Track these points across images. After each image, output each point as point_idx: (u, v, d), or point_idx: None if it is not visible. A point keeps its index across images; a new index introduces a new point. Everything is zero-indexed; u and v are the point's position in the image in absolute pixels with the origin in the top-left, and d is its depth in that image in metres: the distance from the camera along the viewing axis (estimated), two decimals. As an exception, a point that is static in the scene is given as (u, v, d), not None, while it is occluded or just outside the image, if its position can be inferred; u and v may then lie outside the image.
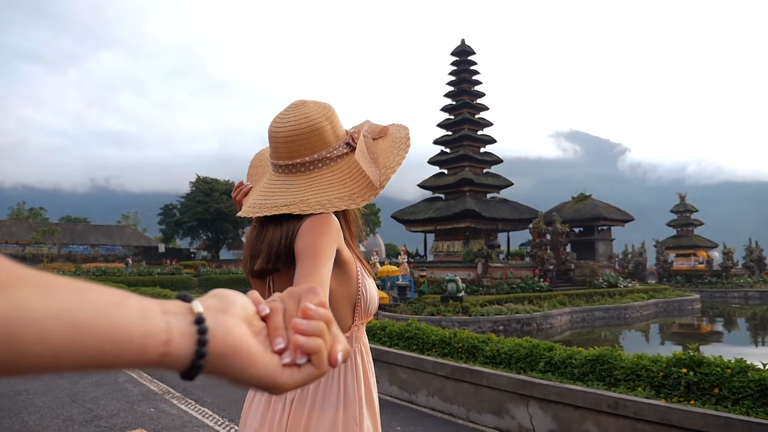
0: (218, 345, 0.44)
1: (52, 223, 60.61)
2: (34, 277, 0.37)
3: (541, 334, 17.80)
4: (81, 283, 0.40)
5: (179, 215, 57.71)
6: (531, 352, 4.74)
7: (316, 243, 1.07)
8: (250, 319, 0.47)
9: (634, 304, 22.88)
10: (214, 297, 0.48)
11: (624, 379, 4.02)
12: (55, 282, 0.38)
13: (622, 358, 4.17)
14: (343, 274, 1.22)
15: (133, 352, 0.40)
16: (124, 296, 0.41)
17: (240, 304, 0.48)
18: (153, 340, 0.41)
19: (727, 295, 32.18)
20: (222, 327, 0.44)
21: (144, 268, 42.46)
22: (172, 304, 0.44)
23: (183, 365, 0.43)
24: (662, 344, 17.45)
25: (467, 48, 30.59)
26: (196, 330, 0.43)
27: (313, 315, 0.48)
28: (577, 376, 4.27)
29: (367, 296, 1.29)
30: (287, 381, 0.47)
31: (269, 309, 0.49)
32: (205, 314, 0.44)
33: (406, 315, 17.83)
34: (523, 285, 22.20)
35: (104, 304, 0.39)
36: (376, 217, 61.28)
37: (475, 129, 29.95)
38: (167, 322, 0.42)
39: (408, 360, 5.53)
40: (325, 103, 1.29)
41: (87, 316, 0.38)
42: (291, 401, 1.19)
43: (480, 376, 4.72)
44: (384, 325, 6.48)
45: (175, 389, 5.91)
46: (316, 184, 1.21)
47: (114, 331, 0.39)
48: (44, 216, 74.20)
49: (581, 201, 32.37)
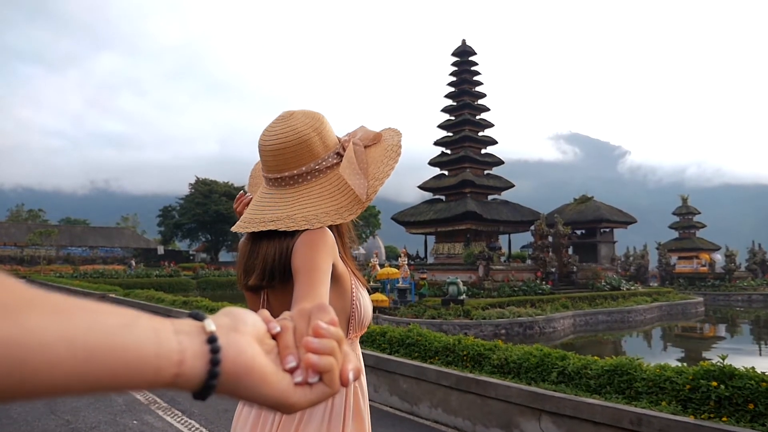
0: (231, 364, 0.43)
1: (50, 225, 60.33)
2: (45, 299, 0.37)
3: (544, 338, 17.48)
4: (92, 304, 0.40)
5: (178, 217, 57.47)
6: (542, 361, 4.40)
7: (313, 260, 1.08)
8: (262, 338, 0.47)
9: (638, 307, 22.56)
10: (225, 315, 0.47)
11: (646, 392, 3.68)
12: (66, 304, 0.38)
13: (642, 369, 3.83)
14: (338, 287, 1.22)
15: (146, 374, 0.39)
16: (136, 316, 0.41)
17: (251, 322, 0.47)
18: (166, 361, 0.40)
19: (731, 298, 31.86)
20: (235, 346, 0.44)
21: (142, 270, 42.19)
22: (184, 323, 0.44)
23: (196, 385, 0.42)
24: (666, 350, 17.11)
25: (468, 48, 30.32)
26: (209, 349, 0.43)
27: (325, 333, 0.48)
28: (594, 388, 3.94)
29: (362, 309, 1.28)
30: (299, 400, 0.46)
31: (280, 327, 0.49)
32: (217, 333, 0.44)
33: (406, 318, 17.49)
34: (525, 288, 21.88)
35: (116, 325, 0.39)
36: (375, 219, 61.00)
37: (476, 130, 29.65)
38: (179, 342, 0.42)
39: (409, 369, 5.19)
40: (314, 113, 1.27)
41: (99, 339, 0.37)
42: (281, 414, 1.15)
43: (487, 386, 4.38)
44: (384, 331, 6.14)
45: (162, 399, 5.57)
46: (304, 197, 1.20)
47: (127, 353, 0.38)
48: (43, 218, 74.00)
49: (583, 203, 32.02)
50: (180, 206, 58.10)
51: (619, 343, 18.11)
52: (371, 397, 5.37)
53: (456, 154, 29.10)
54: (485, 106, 30.27)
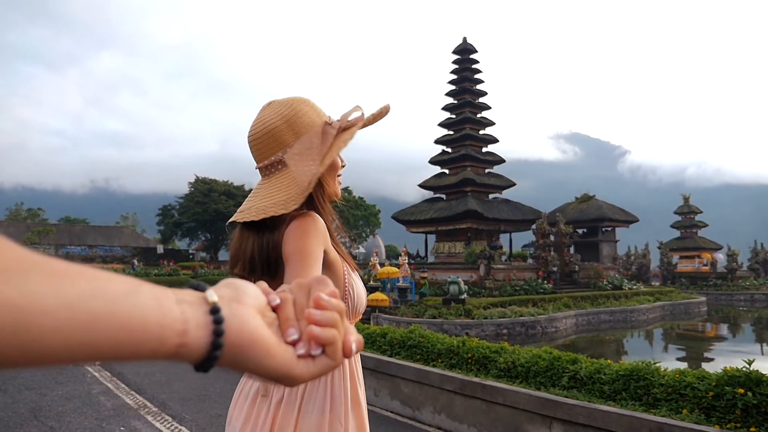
0: (235, 336, 0.42)
1: (49, 224, 60.12)
2: (46, 263, 0.36)
3: (546, 338, 17.24)
4: (95, 271, 0.39)
5: (178, 216, 57.19)
6: (552, 365, 4.16)
7: (304, 246, 1.07)
8: (263, 310, 0.46)
9: (640, 306, 22.32)
10: (226, 287, 0.46)
11: (665, 399, 3.44)
12: (68, 269, 0.37)
13: (660, 374, 3.59)
14: (330, 274, 1.20)
15: (149, 343, 0.38)
16: (138, 284, 0.40)
17: (253, 294, 0.47)
18: (169, 331, 0.39)
19: (733, 298, 31.62)
20: (238, 317, 0.43)
21: (141, 269, 41.93)
22: (186, 293, 0.43)
23: (198, 357, 0.41)
24: (673, 351, 16.87)
25: (469, 46, 30.06)
26: (212, 320, 0.42)
27: (327, 305, 0.47)
28: (608, 394, 3.69)
29: (355, 295, 1.26)
30: (303, 373, 0.46)
31: (279, 299, 0.48)
32: (219, 304, 0.43)
33: (406, 318, 17.26)
34: (527, 287, 21.64)
35: (119, 292, 0.38)
36: (376, 218, 60.67)
37: (477, 128, 29.40)
38: (183, 311, 0.41)
39: (411, 372, 4.95)
40: (291, 100, 1.23)
41: (102, 306, 0.36)
42: (278, 402, 1.16)
43: (494, 392, 4.14)
44: (384, 332, 5.90)
45: (152, 403, 5.33)
46: (272, 187, 1.19)
47: (130, 320, 0.37)
48: (43, 217, 73.68)
49: (585, 201, 31.77)
50: (180, 205, 57.83)
51: (623, 343, 17.89)
52: (371, 402, 5.13)
53: (457, 152, 28.85)
54: (486, 104, 30.02)
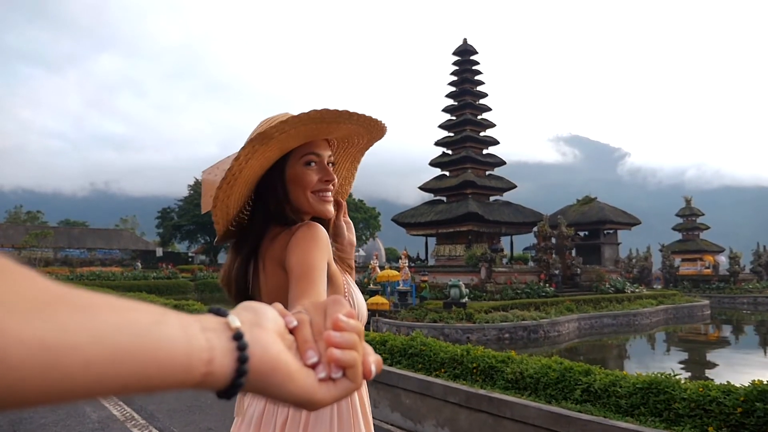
0: (258, 362, 0.42)
1: (47, 226, 59.85)
2: (71, 296, 0.35)
3: (549, 342, 16.99)
4: (121, 301, 0.38)
5: (177, 219, 56.99)
6: (563, 376, 3.90)
7: (309, 258, 1.05)
8: (282, 333, 0.46)
9: (644, 310, 22.07)
10: (246, 310, 0.46)
11: (688, 415, 3.18)
12: (93, 301, 0.36)
13: (682, 387, 3.33)
14: (331, 285, 1.19)
15: (177, 374, 0.38)
16: (164, 313, 0.40)
17: (272, 318, 0.46)
18: (196, 360, 0.39)
19: (736, 301, 31.37)
20: (260, 343, 0.43)
21: (139, 272, 41.66)
22: (209, 320, 0.42)
23: (223, 384, 0.41)
24: (675, 354, 16.60)
25: (469, 47, 29.84)
26: (236, 346, 0.41)
27: (346, 327, 0.46)
28: (625, 409, 3.44)
29: (356, 306, 1.26)
30: (324, 396, 0.45)
31: (297, 321, 0.47)
32: (242, 329, 0.42)
33: (407, 322, 17.00)
34: (528, 290, 21.37)
35: (146, 324, 0.37)
36: (375, 220, 60.45)
37: (477, 130, 29.16)
38: (208, 339, 0.40)
39: (413, 383, 4.69)
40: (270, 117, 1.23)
41: (131, 339, 0.36)
42: (283, 423, 1.13)
43: (501, 405, 3.88)
44: (384, 339, 5.64)
45: (140, 414, 5.07)
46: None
47: (158, 352, 0.37)
48: (42, 219, 73.42)
49: (586, 204, 31.52)
50: (179, 208, 57.67)
51: (628, 348, 17.63)
52: (370, 413, 4.87)
53: (457, 154, 28.60)
54: (487, 106, 29.78)
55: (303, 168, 1.20)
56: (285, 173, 1.20)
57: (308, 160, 1.20)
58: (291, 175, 1.20)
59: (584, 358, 15.36)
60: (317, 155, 1.21)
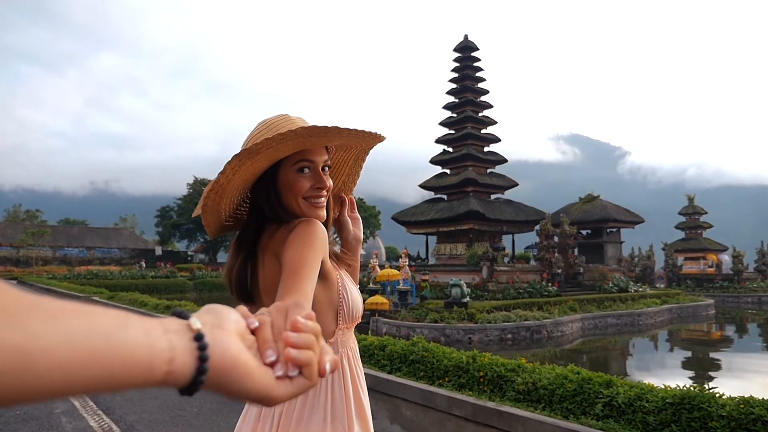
0: (218, 361, 0.45)
1: (45, 225, 59.49)
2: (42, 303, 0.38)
3: (552, 343, 16.61)
4: (87, 307, 0.42)
5: (176, 217, 56.62)
6: (581, 388, 3.52)
7: (302, 255, 1.06)
8: (243, 334, 0.49)
9: (648, 310, 21.69)
10: (208, 313, 0.49)
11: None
12: (63, 308, 0.39)
13: (719, 403, 2.95)
14: (325, 282, 1.21)
15: (140, 373, 0.41)
16: (127, 317, 0.43)
17: (234, 319, 0.49)
18: (158, 360, 0.42)
19: (740, 300, 31.02)
20: (220, 343, 0.46)
21: (137, 271, 41.29)
22: (172, 322, 0.46)
23: (185, 382, 0.44)
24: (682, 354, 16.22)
25: (470, 44, 29.45)
26: (197, 347, 0.45)
27: (303, 328, 0.50)
28: (654, 426, 3.05)
29: (350, 301, 1.27)
30: (281, 393, 0.49)
31: (258, 322, 0.51)
32: (203, 330, 0.46)
33: (407, 322, 16.63)
34: (531, 290, 20.98)
35: (112, 327, 0.41)
36: (375, 219, 60.05)
37: (478, 127, 28.77)
38: (169, 340, 0.44)
39: (414, 393, 4.30)
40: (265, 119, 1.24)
41: (98, 342, 0.39)
42: (279, 415, 1.17)
43: (512, 420, 3.50)
44: (383, 344, 5.25)
45: (119, 426, 4.68)
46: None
47: (123, 354, 0.40)
48: (42, 218, 73.08)
49: (589, 202, 31.12)
50: (178, 206, 57.31)
51: (633, 347, 17.24)
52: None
53: (458, 151, 28.21)
54: (488, 103, 29.38)
55: (296, 174, 1.19)
56: (277, 179, 1.20)
57: (301, 167, 1.19)
58: (283, 181, 1.20)
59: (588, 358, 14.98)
60: (311, 162, 1.19)
